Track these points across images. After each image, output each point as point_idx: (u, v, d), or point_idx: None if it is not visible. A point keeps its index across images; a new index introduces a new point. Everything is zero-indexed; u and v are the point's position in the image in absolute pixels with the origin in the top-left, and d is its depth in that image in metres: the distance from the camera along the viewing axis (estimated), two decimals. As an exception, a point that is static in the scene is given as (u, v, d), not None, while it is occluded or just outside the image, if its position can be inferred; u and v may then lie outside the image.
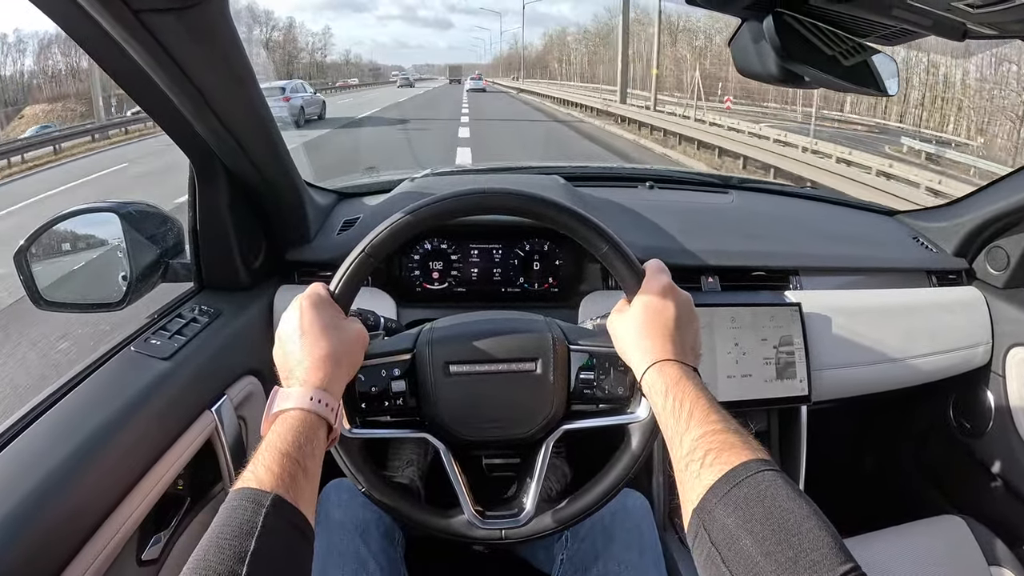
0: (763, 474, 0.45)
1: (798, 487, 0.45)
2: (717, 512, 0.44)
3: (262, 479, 0.46)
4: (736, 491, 0.44)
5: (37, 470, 0.58)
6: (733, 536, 0.42)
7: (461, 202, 0.64)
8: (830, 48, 0.69)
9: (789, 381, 1.03)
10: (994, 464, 1.15)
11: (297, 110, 15.12)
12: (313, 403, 0.52)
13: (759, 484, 0.44)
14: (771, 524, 0.41)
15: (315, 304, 0.59)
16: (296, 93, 15.80)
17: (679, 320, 0.60)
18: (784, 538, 0.40)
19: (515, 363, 0.66)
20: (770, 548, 0.40)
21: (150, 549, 0.71)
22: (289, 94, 15.25)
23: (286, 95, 14.99)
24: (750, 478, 0.44)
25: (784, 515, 0.42)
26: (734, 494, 0.44)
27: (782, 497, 0.43)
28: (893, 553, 0.97)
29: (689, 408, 0.52)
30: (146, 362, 0.75)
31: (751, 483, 0.44)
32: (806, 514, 0.42)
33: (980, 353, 1.14)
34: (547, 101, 28.40)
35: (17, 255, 0.83)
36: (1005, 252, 1.16)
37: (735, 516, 0.43)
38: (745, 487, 0.44)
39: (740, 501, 0.44)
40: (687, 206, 1.29)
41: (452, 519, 0.66)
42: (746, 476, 0.45)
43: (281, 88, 15.51)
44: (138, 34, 0.53)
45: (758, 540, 0.41)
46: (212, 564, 0.40)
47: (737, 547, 0.42)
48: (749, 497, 0.43)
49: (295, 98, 15.42)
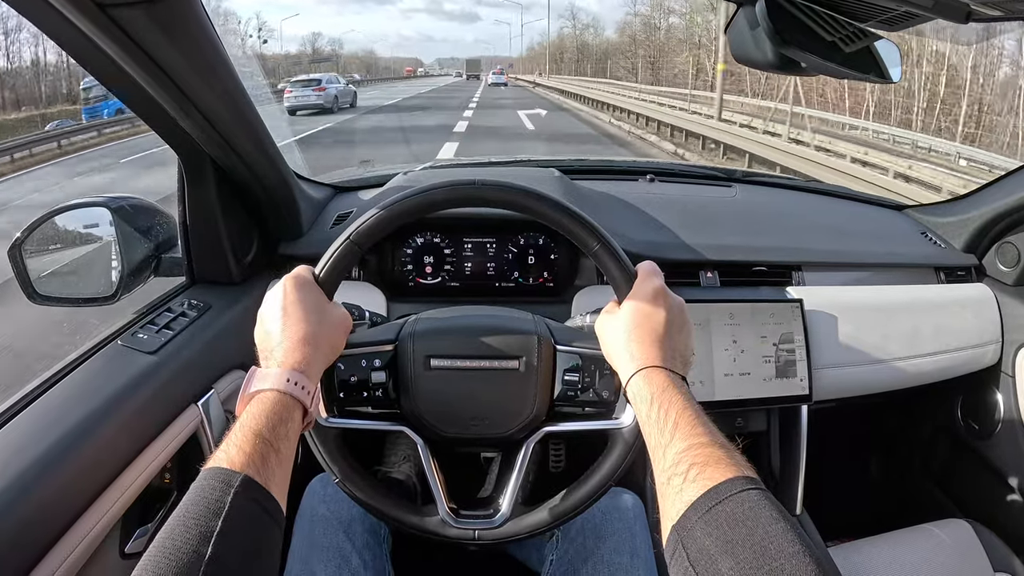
0: (747, 493, 0.43)
1: (783, 508, 0.43)
2: (697, 530, 0.42)
3: (233, 459, 0.45)
4: (718, 509, 0.42)
5: (16, 462, 0.58)
6: (712, 557, 0.40)
7: (449, 193, 0.63)
8: (829, 34, 0.67)
9: (789, 380, 1.01)
10: (1002, 467, 1.11)
11: (332, 98, 17.35)
12: (289, 385, 0.52)
13: (743, 503, 0.42)
14: (752, 547, 0.40)
15: (299, 285, 0.59)
16: (330, 84, 18.16)
17: (669, 325, 0.58)
18: (764, 563, 0.39)
19: (498, 360, 0.65)
20: (748, 573, 0.38)
21: (134, 542, 0.71)
22: (324, 84, 17.70)
23: (321, 85, 17.50)
24: (734, 496, 0.43)
25: (766, 538, 0.40)
26: (716, 512, 0.42)
27: (765, 518, 0.41)
28: (897, 558, 0.95)
29: (674, 419, 0.50)
30: (132, 356, 0.75)
31: (735, 502, 0.42)
32: (790, 538, 0.40)
33: (989, 352, 1.11)
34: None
35: (11, 249, 0.83)
36: (1016, 248, 1.12)
37: (715, 536, 0.41)
38: (728, 505, 0.42)
39: (722, 520, 0.42)
40: (687, 199, 1.27)
41: (426, 517, 0.65)
42: (730, 494, 0.43)
43: (317, 80, 17.98)
44: (109, 29, 0.53)
45: (738, 563, 0.39)
46: (177, 543, 0.39)
47: (715, 569, 0.40)
48: (731, 516, 0.42)
49: (329, 88, 17.76)
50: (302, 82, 17.96)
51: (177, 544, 0.39)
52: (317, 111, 16.81)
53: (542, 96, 27.17)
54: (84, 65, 0.62)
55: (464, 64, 67.66)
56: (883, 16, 0.65)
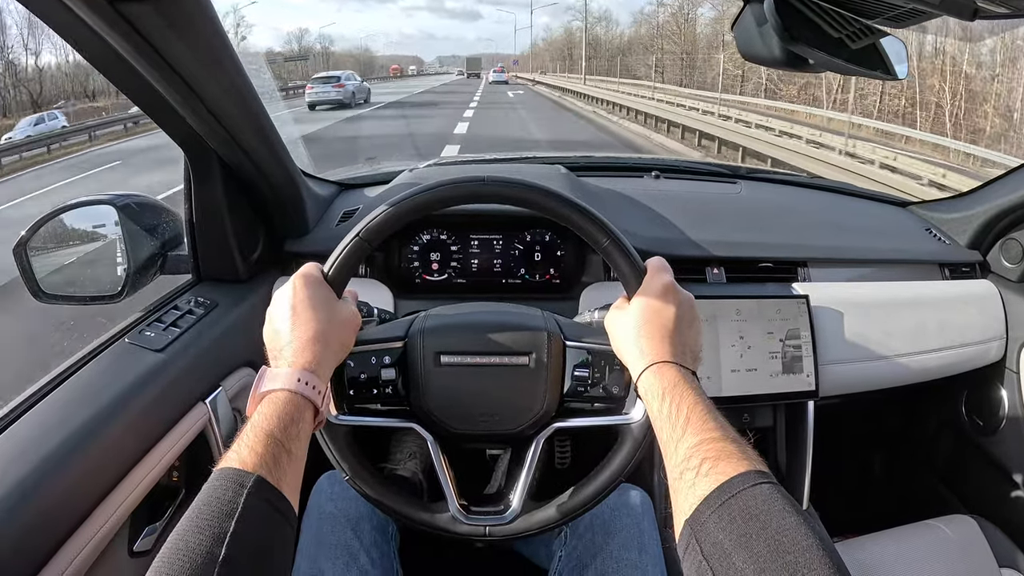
0: (760, 487, 0.43)
1: (796, 502, 0.43)
2: (710, 525, 0.43)
3: (245, 460, 0.45)
4: (731, 503, 0.42)
5: (25, 461, 0.58)
6: (725, 552, 0.40)
7: (457, 189, 0.63)
8: (836, 30, 0.67)
9: (796, 376, 1.01)
10: (1007, 463, 1.11)
11: (350, 94, 19.11)
12: (300, 385, 0.52)
13: (755, 497, 0.42)
14: (766, 541, 0.40)
15: (308, 283, 0.58)
16: (348, 81, 20.01)
17: (679, 321, 0.58)
18: (778, 556, 0.39)
19: (507, 356, 0.64)
20: (763, 566, 0.39)
21: (143, 540, 0.71)
22: (343, 81, 19.56)
23: (341, 82, 19.32)
24: (746, 491, 0.43)
25: (780, 531, 0.40)
26: (729, 506, 0.42)
27: (778, 512, 0.41)
28: (902, 553, 0.95)
29: (686, 414, 0.50)
30: (139, 354, 0.75)
31: (747, 496, 0.43)
32: (803, 532, 0.40)
33: (994, 349, 1.11)
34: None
35: (17, 248, 0.83)
36: (1020, 244, 1.12)
37: (728, 530, 0.41)
38: (741, 500, 0.42)
39: (734, 514, 0.42)
40: (693, 196, 1.27)
41: (437, 513, 0.65)
42: (742, 488, 0.43)
43: (336, 76, 19.98)
44: (117, 25, 0.53)
45: (752, 557, 0.39)
46: (191, 545, 0.39)
47: (729, 563, 0.40)
48: (744, 511, 0.42)
49: (348, 85, 19.56)
50: (322, 79, 19.74)
51: (191, 546, 0.39)
52: (335, 106, 18.23)
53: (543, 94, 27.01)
54: (93, 62, 0.62)
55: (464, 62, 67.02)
56: (890, 13, 0.65)
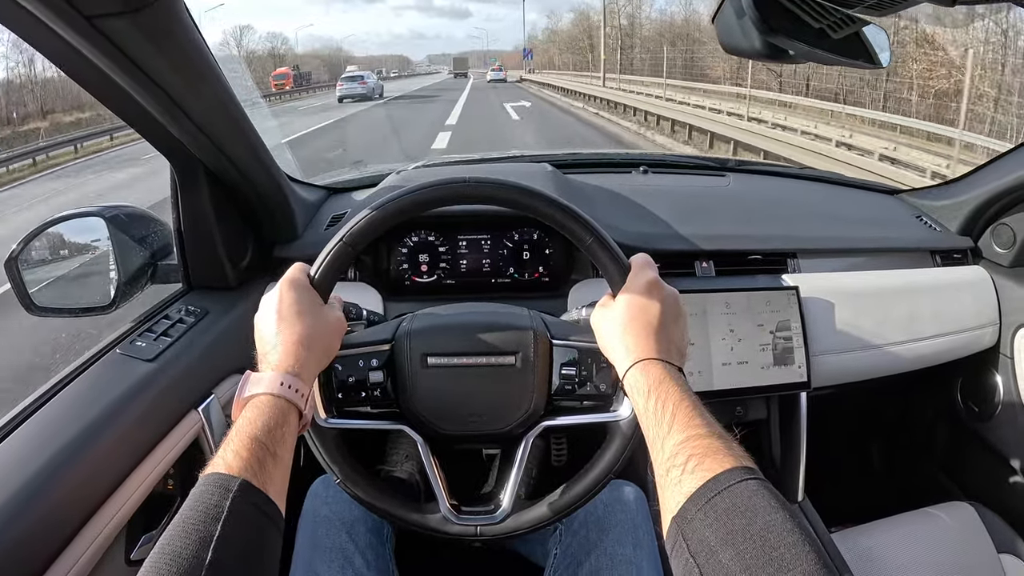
0: (746, 483, 0.43)
1: (782, 497, 0.43)
2: (696, 522, 0.43)
3: (230, 464, 0.46)
4: (718, 500, 0.43)
5: (20, 473, 0.58)
6: (712, 548, 0.41)
7: (439, 191, 0.63)
8: (816, 21, 0.67)
9: (787, 367, 1.01)
10: (1003, 449, 1.12)
11: (371, 89, 24.30)
12: (283, 388, 0.52)
13: (741, 493, 0.42)
14: (752, 537, 0.40)
15: (294, 288, 0.59)
16: (369, 79, 25.58)
17: (664, 317, 0.59)
18: (764, 552, 0.39)
19: (494, 356, 0.65)
20: (749, 562, 0.39)
21: (140, 548, 0.72)
22: (366, 79, 25.03)
23: (364, 80, 24.77)
24: (733, 487, 0.43)
25: (766, 527, 0.40)
26: (715, 503, 0.42)
27: (764, 508, 0.41)
28: (901, 541, 0.95)
29: (672, 410, 0.50)
30: (131, 364, 0.75)
31: (734, 492, 0.43)
32: (789, 527, 0.40)
33: (987, 334, 1.11)
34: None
35: (8, 262, 0.83)
36: (1011, 229, 1.12)
37: (714, 527, 0.41)
38: (727, 496, 0.42)
39: (721, 511, 0.42)
40: (681, 190, 1.27)
41: (428, 514, 0.65)
42: (729, 484, 0.43)
43: (361, 76, 25.57)
44: (95, 40, 0.53)
45: (738, 554, 0.39)
46: (178, 549, 0.40)
47: (716, 560, 0.40)
48: (731, 507, 0.42)
49: (369, 81, 24.97)
50: (349, 77, 25.45)
51: (178, 550, 0.40)
52: (360, 99, 23.28)
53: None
54: (73, 77, 0.62)
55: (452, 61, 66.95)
56: (870, 1, 0.65)
